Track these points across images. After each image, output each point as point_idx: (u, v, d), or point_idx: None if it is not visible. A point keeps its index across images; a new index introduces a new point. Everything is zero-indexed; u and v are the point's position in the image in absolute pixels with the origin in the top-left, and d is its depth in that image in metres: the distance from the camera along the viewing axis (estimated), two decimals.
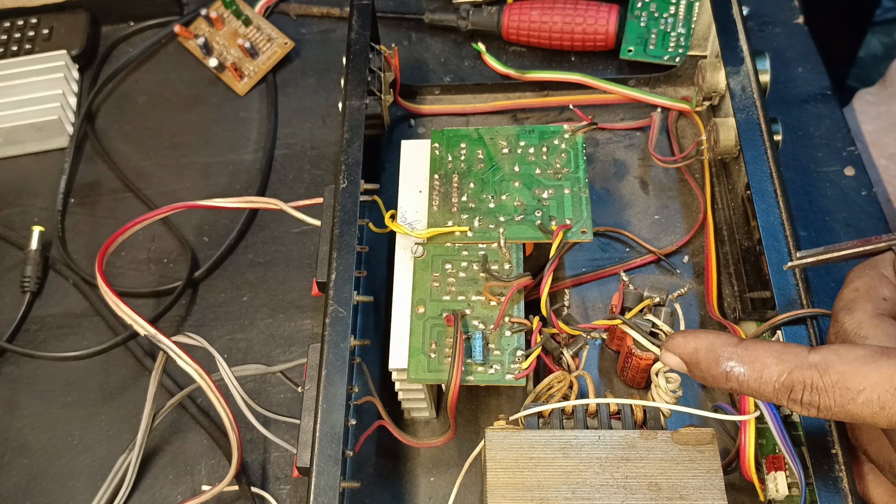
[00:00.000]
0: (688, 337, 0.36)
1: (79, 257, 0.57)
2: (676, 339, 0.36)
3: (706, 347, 0.35)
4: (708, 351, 0.35)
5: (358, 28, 0.54)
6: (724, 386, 0.34)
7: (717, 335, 0.35)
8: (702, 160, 0.54)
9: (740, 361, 0.34)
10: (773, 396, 0.33)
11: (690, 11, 0.60)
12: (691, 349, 0.35)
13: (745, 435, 0.39)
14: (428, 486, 0.46)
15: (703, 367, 0.35)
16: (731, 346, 0.34)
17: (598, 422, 0.41)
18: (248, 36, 0.64)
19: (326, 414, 0.40)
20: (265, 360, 0.52)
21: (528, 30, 0.61)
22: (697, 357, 0.35)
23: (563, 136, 0.50)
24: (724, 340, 0.35)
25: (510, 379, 0.42)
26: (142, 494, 0.48)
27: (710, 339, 0.35)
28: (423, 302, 0.45)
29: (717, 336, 0.35)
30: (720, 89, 0.52)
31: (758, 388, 0.33)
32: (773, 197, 0.44)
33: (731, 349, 0.34)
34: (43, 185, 0.60)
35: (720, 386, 0.35)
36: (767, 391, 0.33)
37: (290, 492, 0.48)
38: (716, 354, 0.34)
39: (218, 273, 0.56)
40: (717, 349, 0.34)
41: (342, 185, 0.47)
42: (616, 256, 0.53)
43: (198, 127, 0.62)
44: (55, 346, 0.54)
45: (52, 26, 0.66)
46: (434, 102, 0.60)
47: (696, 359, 0.35)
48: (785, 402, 0.33)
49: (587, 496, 0.37)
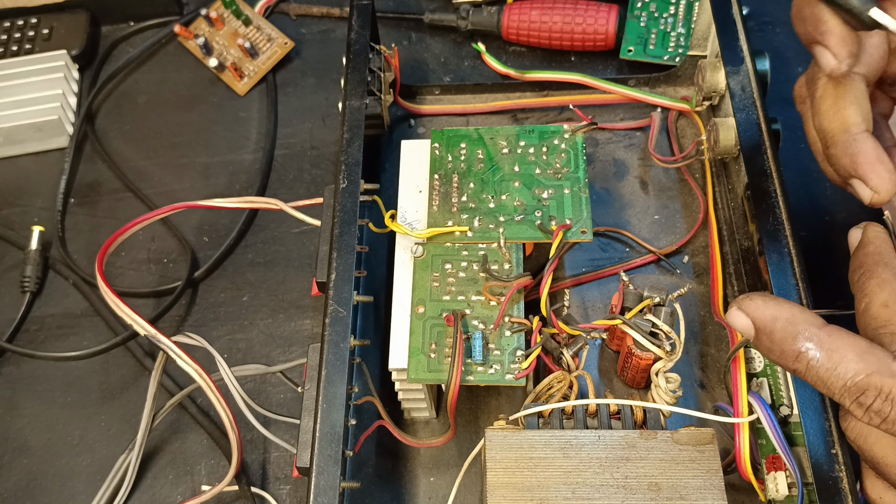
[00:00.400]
0: (768, 301, 0.33)
1: (79, 257, 0.57)
2: (755, 301, 0.33)
3: (787, 319, 0.33)
4: (788, 323, 0.32)
5: (358, 28, 0.54)
6: (790, 365, 0.33)
7: (802, 309, 0.33)
8: (702, 160, 0.54)
9: (819, 346, 0.32)
10: (840, 393, 0.31)
11: (690, 11, 0.60)
12: (769, 316, 0.33)
13: (739, 437, 0.39)
14: (428, 486, 0.46)
15: (776, 338, 0.33)
16: (815, 326, 0.32)
17: (597, 422, 0.41)
18: (248, 36, 0.64)
19: (326, 414, 0.40)
20: (265, 360, 0.52)
21: (527, 30, 0.61)
22: (773, 326, 0.33)
23: (562, 136, 0.50)
24: (809, 318, 0.32)
25: (510, 379, 0.42)
26: (142, 494, 0.48)
27: (794, 312, 0.33)
28: (422, 302, 0.45)
29: (802, 311, 0.33)
30: (720, 89, 0.52)
31: (827, 379, 0.32)
32: (773, 197, 0.44)
33: (814, 329, 0.32)
34: (43, 185, 0.60)
35: (785, 363, 0.33)
36: (836, 386, 0.31)
37: (290, 492, 0.48)
38: (795, 330, 0.32)
39: (218, 273, 0.56)
40: (798, 324, 0.32)
41: (342, 185, 0.47)
42: (616, 256, 0.53)
43: (198, 127, 0.62)
44: (55, 346, 0.54)
45: (52, 26, 0.66)
46: (434, 102, 0.60)
47: (772, 328, 0.33)
48: (849, 402, 0.31)
49: (587, 496, 0.37)
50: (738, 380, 0.41)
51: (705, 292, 0.51)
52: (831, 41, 0.37)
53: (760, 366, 0.43)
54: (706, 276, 0.52)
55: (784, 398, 0.41)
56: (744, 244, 0.50)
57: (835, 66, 0.37)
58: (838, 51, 0.37)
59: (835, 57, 0.37)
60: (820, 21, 0.37)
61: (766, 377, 0.43)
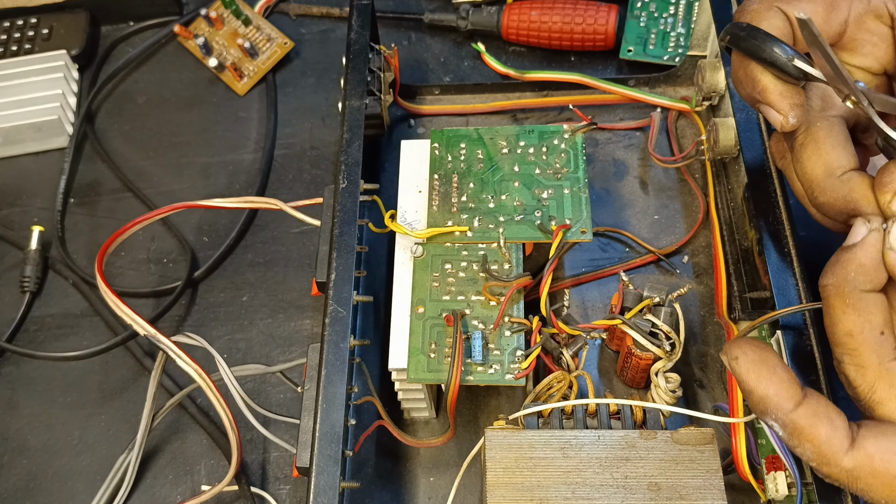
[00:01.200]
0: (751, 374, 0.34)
1: (78, 257, 0.57)
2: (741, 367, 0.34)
3: (760, 397, 0.33)
4: (760, 401, 0.33)
5: (357, 28, 0.54)
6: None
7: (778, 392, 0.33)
8: (702, 160, 0.54)
9: (783, 428, 0.33)
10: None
11: (690, 11, 0.60)
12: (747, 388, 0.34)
13: (735, 437, 0.39)
14: (427, 486, 0.46)
15: (750, 404, 0.34)
16: (783, 412, 0.33)
17: (597, 422, 0.41)
18: (247, 36, 0.64)
19: (326, 414, 0.40)
20: (265, 360, 0.52)
21: (527, 30, 0.61)
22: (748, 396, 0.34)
23: (562, 136, 0.50)
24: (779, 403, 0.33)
25: (510, 379, 0.42)
26: (141, 494, 0.48)
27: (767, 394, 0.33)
28: (422, 302, 0.45)
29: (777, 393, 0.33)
30: (720, 89, 0.52)
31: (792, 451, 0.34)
32: (773, 197, 0.44)
33: (780, 415, 0.33)
34: (42, 185, 0.60)
35: None
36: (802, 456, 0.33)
37: (289, 492, 0.48)
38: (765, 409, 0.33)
39: (217, 273, 0.56)
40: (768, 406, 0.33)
41: (342, 185, 0.47)
42: (616, 256, 0.53)
43: (197, 127, 0.62)
44: (55, 346, 0.54)
45: (51, 26, 0.66)
46: (434, 102, 0.60)
47: (747, 396, 0.34)
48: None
49: (587, 496, 0.37)
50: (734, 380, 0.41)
51: (705, 292, 0.51)
52: (771, 97, 0.37)
53: None
54: (706, 276, 0.52)
55: None
56: (744, 244, 0.50)
57: (783, 121, 0.37)
58: (781, 106, 0.37)
59: (779, 112, 0.37)
60: (755, 80, 0.37)
61: None
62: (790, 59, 0.36)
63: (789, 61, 0.36)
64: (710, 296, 0.51)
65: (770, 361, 0.34)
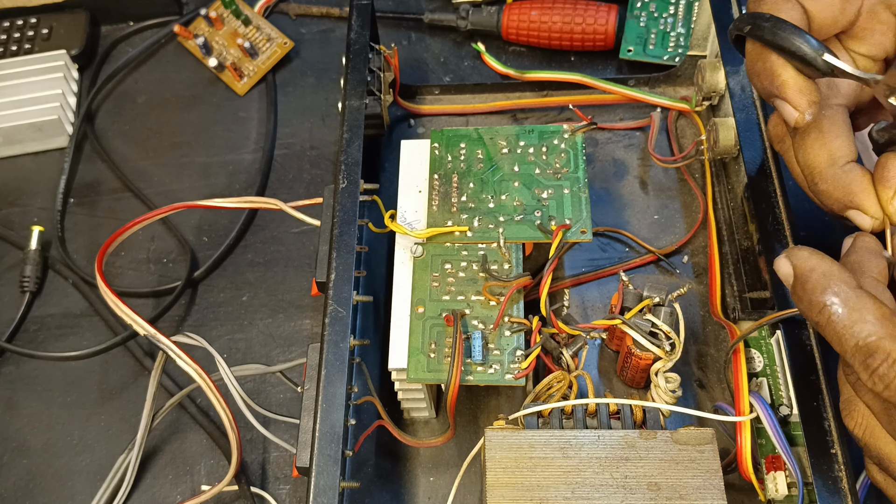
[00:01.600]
0: (813, 255, 0.34)
1: (78, 257, 0.57)
2: (802, 252, 0.35)
3: (823, 272, 0.33)
4: (822, 276, 0.33)
5: (357, 28, 0.54)
6: (813, 316, 0.33)
7: (841, 269, 0.34)
8: (701, 160, 0.54)
9: (844, 303, 0.32)
10: (851, 353, 0.32)
11: (690, 11, 0.60)
12: (808, 266, 0.34)
13: (741, 436, 0.39)
14: (427, 486, 0.46)
15: (807, 287, 0.34)
16: (846, 285, 0.33)
17: (597, 421, 0.41)
18: (247, 36, 0.64)
19: (326, 414, 0.40)
20: (265, 360, 0.52)
21: (527, 30, 0.61)
22: (809, 276, 0.34)
23: (562, 135, 0.50)
24: (843, 276, 0.33)
25: (509, 379, 0.42)
26: (141, 494, 0.48)
27: (833, 269, 0.34)
28: (422, 302, 0.45)
29: (841, 270, 0.34)
30: (720, 89, 0.52)
31: (842, 335, 0.32)
32: (773, 197, 0.44)
33: (843, 287, 0.33)
34: (42, 185, 0.60)
35: (810, 314, 0.34)
36: (849, 344, 0.32)
37: (289, 492, 0.48)
38: (827, 283, 0.33)
39: (217, 273, 0.56)
40: (831, 279, 0.33)
41: (342, 185, 0.47)
42: (615, 256, 0.53)
43: (197, 127, 0.62)
44: (54, 346, 0.54)
45: (51, 26, 0.66)
46: (434, 102, 0.60)
47: (807, 277, 0.34)
48: (858, 363, 0.32)
49: (586, 496, 0.37)
50: (739, 378, 0.41)
51: (705, 292, 0.51)
52: (789, 93, 0.37)
53: (760, 366, 0.43)
54: (706, 275, 0.52)
55: (784, 398, 0.41)
56: (743, 244, 0.50)
57: (798, 118, 0.37)
58: (798, 102, 0.37)
59: (796, 109, 0.37)
60: (775, 74, 0.37)
61: (766, 377, 0.43)
62: (819, 53, 0.35)
63: (818, 56, 0.35)
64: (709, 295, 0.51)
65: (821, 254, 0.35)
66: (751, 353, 0.43)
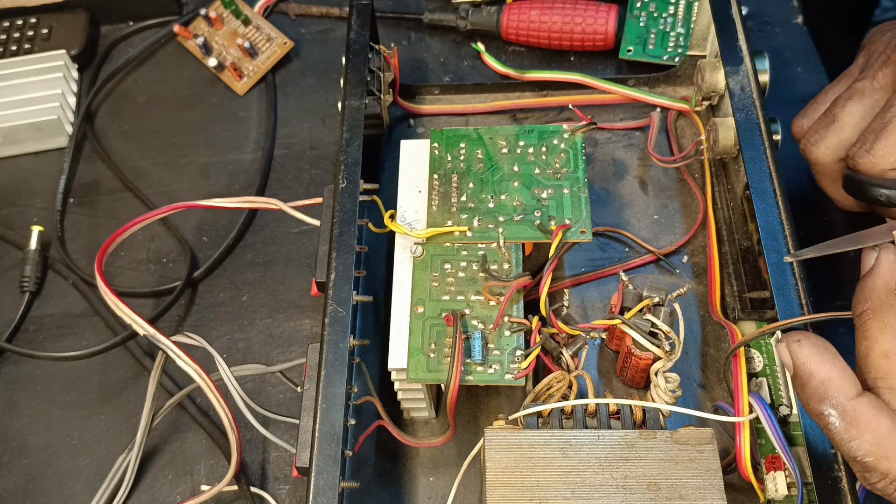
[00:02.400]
0: (813, 355, 0.34)
1: (78, 257, 0.57)
2: (802, 350, 0.34)
3: (821, 380, 0.34)
4: (821, 384, 0.34)
5: (357, 28, 0.54)
6: (813, 418, 0.34)
7: (840, 374, 0.34)
8: (701, 160, 0.54)
9: (842, 416, 0.33)
10: (850, 461, 0.33)
11: (689, 11, 0.60)
12: (807, 372, 0.34)
13: (740, 436, 0.39)
14: (427, 486, 0.46)
15: (807, 391, 0.34)
16: (845, 397, 0.33)
17: (597, 421, 0.41)
18: (247, 36, 0.64)
19: (326, 414, 0.40)
20: (264, 359, 0.52)
21: (527, 30, 0.61)
22: (808, 381, 0.34)
23: (562, 135, 0.50)
24: (842, 387, 0.33)
25: (509, 379, 0.42)
26: (141, 494, 0.48)
27: (831, 377, 0.33)
28: (422, 302, 0.45)
29: (840, 376, 0.34)
30: (719, 89, 0.52)
31: (840, 446, 0.33)
32: (773, 197, 0.44)
33: (841, 399, 0.33)
34: (42, 185, 0.60)
35: (810, 414, 0.34)
36: (847, 455, 0.33)
37: (289, 492, 0.48)
38: (825, 393, 0.33)
39: (217, 273, 0.56)
40: (829, 390, 0.33)
41: (341, 185, 0.47)
42: (615, 256, 0.53)
43: (197, 127, 0.62)
44: (54, 345, 0.54)
45: (51, 26, 0.66)
46: (433, 102, 0.60)
47: (806, 381, 0.34)
48: (857, 473, 0.33)
49: (586, 496, 0.37)
50: (738, 379, 0.41)
51: (705, 292, 0.51)
52: None
53: (760, 365, 0.43)
54: (705, 276, 0.52)
55: (783, 398, 0.42)
56: (743, 244, 0.50)
57: None
58: None
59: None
60: None
61: (766, 377, 0.43)
62: None
63: None
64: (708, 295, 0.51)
65: (831, 350, 0.34)
66: (751, 352, 0.43)
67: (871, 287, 0.35)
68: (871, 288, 0.35)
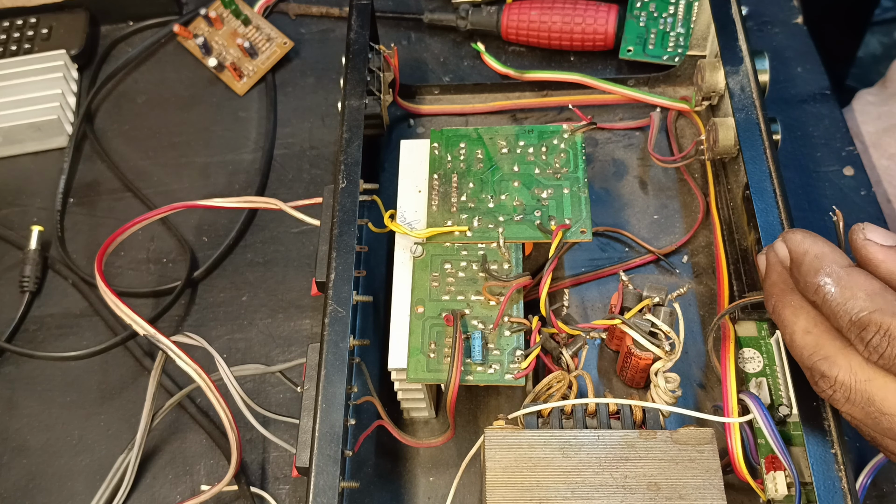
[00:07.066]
0: (807, 238, 0.36)
1: (78, 257, 0.57)
2: (796, 235, 0.36)
3: (816, 254, 0.35)
4: (815, 258, 0.35)
5: (357, 28, 0.54)
6: (809, 296, 0.35)
7: (833, 249, 0.35)
8: (701, 160, 0.54)
9: (836, 282, 0.34)
10: (846, 327, 0.34)
11: (689, 11, 0.60)
12: (801, 250, 0.36)
13: (730, 437, 0.40)
14: (427, 486, 0.46)
15: (802, 269, 0.35)
16: (838, 265, 0.34)
17: (597, 421, 0.41)
18: (247, 36, 0.64)
19: (325, 414, 0.40)
20: (264, 359, 0.52)
21: (527, 30, 0.61)
22: (803, 259, 0.35)
23: (562, 135, 0.50)
24: (835, 258, 0.35)
25: (509, 379, 0.42)
26: (141, 494, 0.48)
27: (825, 250, 0.35)
28: (422, 302, 0.45)
29: (833, 250, 0.35)
30: (719, 89, 0.52)
31: (837, 312, 0.34)
32: (773, 197, 0.44)
33: (835, 267, 0.34)
34: (42, 185, 0.60)
35: (807, 294, 0.35)
36: (844, 319, 0.34)
37: (289, 492, 0.48)
38: (820, 265, 0.35)
39: (217, 273, 0.56)
40: (824, 260, 0.35)
41: (341, 185, 0.47)
42: (615, 256, 0.53)
43: (197, 127, 0.62)
44: (54, 345, 0.54)
45: (51, 26, 0.66)
46: (433, 102, 0.60)
47: (802, 260, 0.36)
48: (853, 336, 0.33)
49: (586, 496, 0.37)
50: (727, 380, 0.41)
51: (704, 292, 0.51)
52: None
53: (760, 366, 0.43)
54: (705, 276, 0.52)
55: (783, 398, 0.42)
56: (743, 244, 0.50)
57: None
58: None
59: None
60: None
61: (766, 377, 0.43)
62: None
63: None
64: (710, 296, 0.51)
65: (814, 235, 0.36)
66: (751, 352, 0.44)
67: (771, 282, 0.38)
68: (771, 282, 0.38)
